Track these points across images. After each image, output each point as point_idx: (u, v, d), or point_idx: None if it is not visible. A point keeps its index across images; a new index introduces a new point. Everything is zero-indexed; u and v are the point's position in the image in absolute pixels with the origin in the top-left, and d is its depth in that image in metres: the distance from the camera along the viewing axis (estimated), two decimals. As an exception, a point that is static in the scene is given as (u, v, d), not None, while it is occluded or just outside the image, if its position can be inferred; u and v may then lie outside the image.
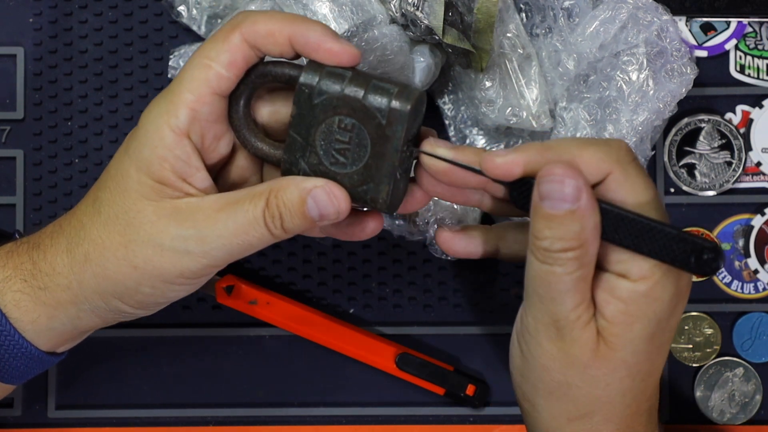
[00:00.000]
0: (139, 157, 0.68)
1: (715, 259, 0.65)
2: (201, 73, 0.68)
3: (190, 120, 0.68)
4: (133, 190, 0.68)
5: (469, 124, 0.84)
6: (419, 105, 0.68)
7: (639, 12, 0.81)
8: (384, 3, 0.78)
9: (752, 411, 0.86)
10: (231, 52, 0.68)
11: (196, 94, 0.68)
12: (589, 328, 0.66)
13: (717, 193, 0.86)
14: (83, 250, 0.70)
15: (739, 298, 0.86)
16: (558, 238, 0.64)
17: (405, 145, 0.68)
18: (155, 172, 0.68)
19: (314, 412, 0.86)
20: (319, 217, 0.67)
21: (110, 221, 0.69)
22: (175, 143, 0.68)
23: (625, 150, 0.67)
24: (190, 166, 0.68)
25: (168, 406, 0.86)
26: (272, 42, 0.68)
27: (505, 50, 0.80)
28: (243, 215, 0.67)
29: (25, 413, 0.86)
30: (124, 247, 0.68)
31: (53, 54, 0.86)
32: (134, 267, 0.68)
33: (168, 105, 0.68)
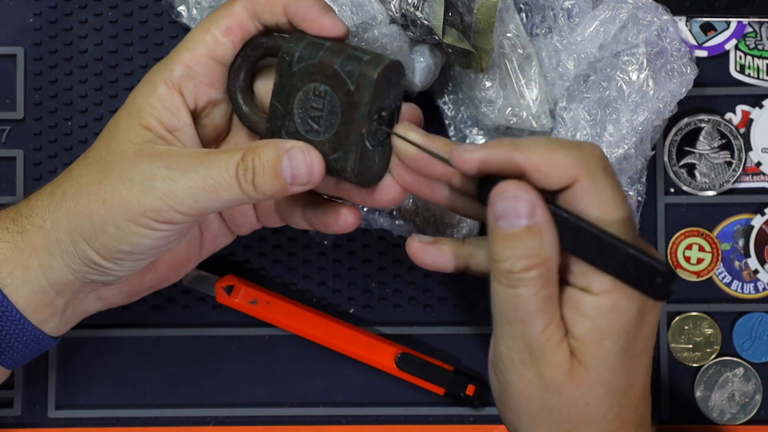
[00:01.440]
0: (131, 104, 0.71)
1: (668, 284, 0.64)
2: (200, 35, 0.70)
3: (184, 76, 0.70)
4: (120, 134, 0.70)
5: (469, 124, 0.84)
6: (391, 74, 0.69)
7: (639, 12, 0.81)
8: (384, 3, 0.78)
9: (752, 411, 0.86)
10: (230, 18, 0.70)
11: (192, 54, 0.70)
12: (561, 348, 0.65)
13: (717, 193, 0.86)
14: (62, 188, 0.71)
15: (739, 298, 0.86)
16: (519, 257, 0.64)
17: (375, 114, 0.68)
18: (143, 117, 0.70)
19: (314, 412, 0.86)
20: (291, 178, 0.68)
21: (93, 161, 0.71)
22: (166, 94, 0.70)
23: (598, 157, 0.65)
24: (178, 119, 0.70)
25: (168, 406, 0.86)
26: (269, 11, 0.70)
27: (505, 50, 0.80)
28: (216, 164, 0.68)
29: (25, 413, 0.86)
30: (98, 183, 0.70)
31: (53, 54, 0.86)
32: (102, 201, 0.69)
33: (166, 61, 0.71)
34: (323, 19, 0.69)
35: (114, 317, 0.85)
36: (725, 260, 0.86)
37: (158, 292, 0.84)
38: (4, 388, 0.85)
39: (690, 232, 0.86)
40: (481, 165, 0.66)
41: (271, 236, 0.86)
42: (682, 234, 0.86)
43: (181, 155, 0.69)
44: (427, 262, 0.73)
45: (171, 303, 0.86)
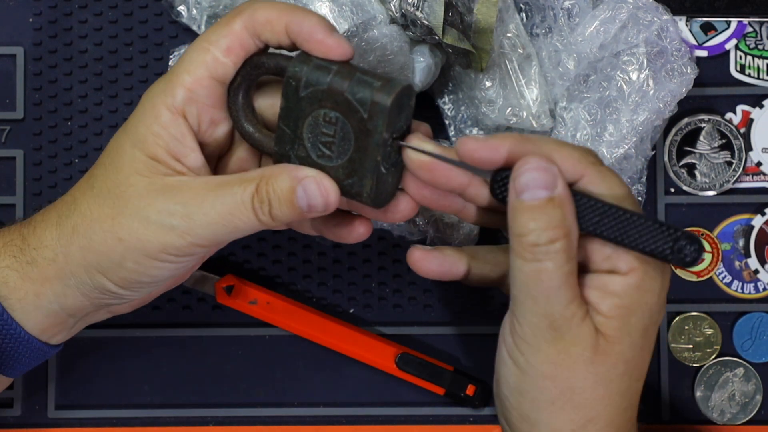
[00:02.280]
0: (135, 133, 0.69)
1: (697, 250, 0.65)
2: (200, 56, 0.69)
3: (186, 100, 0.69)
4: (126, 166, 0.69)
5: (469, 124, 0.84)
6: (403, 99, 0.68)
7: (639, 12, 0.81)
8: (384, 3, 0.78)
9: (752, 411, 0.86)
10: (230, 38, 0.68)
11: (193, 76, 0.69)
12: (587, 323, 0.66)
13: (717, 193, 0.86)
14: (72, 222, 0.70)
15: (740, 298, 0.86)
16: (543, 228, 0.64)
17: (390, 139, 0.68)
18: (149, 148, 0.69)
19: (314, 412, 0.86)
20: (307, 208, 0.67)
21: (101, 195, 0.70)
22: (170, 121, 0.69)
23: (596, 155, 0.68)
24: (184, 145, 0.69)
25: (168, 406, 0.86)
26: (270, 30, 0.68)
27: (505, 50, 0.80)
28: (231, 197, 0.67)
29: (25, 413, 0.86)
30: (111, 219, 0.69)
31: (53, 54, 0.86)
32: (119, 239, 0.69)
33: (166, 85, 0.69)
34: (328, 39, 0.67)
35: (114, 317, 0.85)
36: (725, 260, 0.86)
37: (158, 292, 0.85)
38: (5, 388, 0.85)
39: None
40: (509, 155, 0.66)
41: (271, 236, 0.86)
42: (683, 234, 0.86)
43: (194, 189, 0.68)
44: (432, 268, 0.72)
45: (171, 303, 0.86)
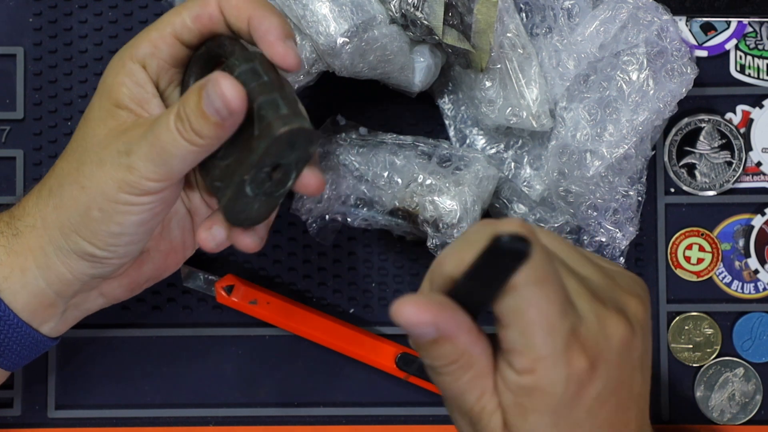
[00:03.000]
0: (102, 86, 0.72)
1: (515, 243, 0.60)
2: (170, 17, 0.71)
3: (149, 54, 0.71)
4: (93, 117, 0.72)
5: (469, 124, 0.84)
6: (298, 138, 0.66)
7: (639, 12, 0.81)
8: (384, 3, 0.78)
9: (752, 411, 0.86)
10: (202, 8, 0.71)
11: (159, 33, 0.71)
12: (497, 416, 0.64)
13: (717, 193, 0.86)
14: (48, 185, 0.72)
15: (740, 298, 0.86)
16: (434, 358, 0.63)
17: (267, 167, 0.67)
18: (113, 95, 0.71)
19: (314, 412, 0.86)
20: (215, 113, 0.67)
21: (70, 151, 0.72)
22: (133, 70, 0.71)
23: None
24: (146, 91, 0.71)
25: (168, 406, 0.86)
26: (235, 15, 0.70)
27: (505, 50, 0.80)
28: (158, 124, 0.69)
29: (25, 413, 0.86)
30: (76, 170, 0.71)
31: (53, 54, 0.86)
32: (82, 188, 0.70)
33: (134, 40, 0.72)
34: (279, 45, 0.69)
35: (114, 317, 0.85)
36: (725, 260, 0.86)
37: (158, 291, 0.85)
38: (4, 388, 0.85)
39: (690, 232, 0.86)
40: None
41: (272, 236, 0.86)
42: (683, 234, 0.86)
43: (139, 126, 0.70)
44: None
45: (171, 303, 0.86)
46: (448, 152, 0.82)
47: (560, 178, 0.81)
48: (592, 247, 0.83)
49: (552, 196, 0.82)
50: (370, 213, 0.82)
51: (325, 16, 0.76)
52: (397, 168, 0.81)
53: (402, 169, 0.81)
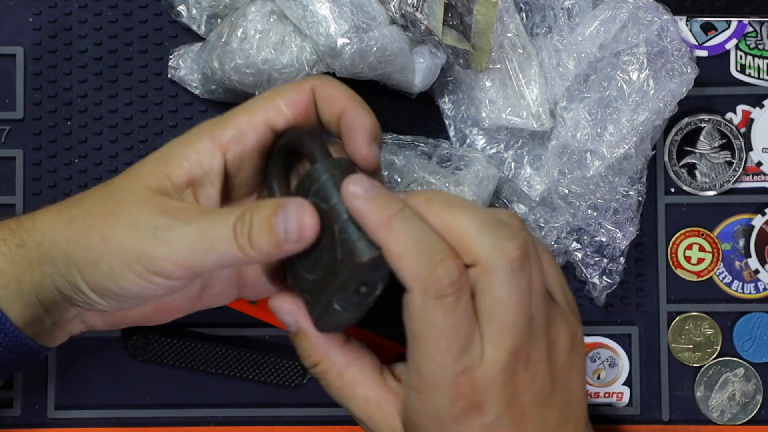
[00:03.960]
0: (167, 149, 0.69)
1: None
2: (263, 103, 0.69)
3: (234, 139, 0.68)
4: (141, 174, 0.69)
5: (469, 124, 0.84)
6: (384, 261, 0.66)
7: (639, 12, 0.81)
8: (384, 4, 0.78)
9: (753, 411, 0.86)
10: (297, 93, 0.69)
11: (249, 117, 0.68)
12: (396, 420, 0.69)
13: (717, 193, 0.86)
14: (71, 213, 0.70)
15: (740, 298, 0.86)
16: (300, 354, 0.70)
17: (353, 288, 0.66)
18: (170, 166, 0.68)
19: (314, 413, 0.86)
20: (284, 233, 0.65)
21: (106, 195, 0.70)
22: (206, 150, 0.68)
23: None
24: (207, 177, 0.68)
25: (168, 406, 0.86)
26: (329, 106, 0.69)
27: (505, 50, 0.80)
28: (216, 217, 0.66)
29: (25, 413, 0.86)
30: (104, 218, 0.69)
31: (53, 54, 0.86)
32: (103, 239, 0.68)
33: (220, 120, 0.69)
34: (363, 147, 0.68)
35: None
36: (726, 260, 0.86)
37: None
38: (4, 388, 0.85)
39: (690, 232, 0.86)
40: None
41: (271, 236, 0.86)
42: (683, 234, 0.86)
43: (186, 209, 0.67)
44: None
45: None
46: (448, 152, 0.82)
47: (560, 178, 0.81)
48: (592, 246, 0.83)
49: (552, 196, 0.82)
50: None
51: (325, 17, 0.76)
52: (397, 168, 0.81)
53: (402, 169, 0.81)
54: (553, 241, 0.83)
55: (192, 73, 0.84)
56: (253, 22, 0.79)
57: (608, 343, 0.86)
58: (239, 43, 0.78)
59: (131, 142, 0.86)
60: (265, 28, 0.79)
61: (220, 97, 0.84)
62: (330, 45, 0.76)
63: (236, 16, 0.79)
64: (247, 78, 0.79)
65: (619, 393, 0.86)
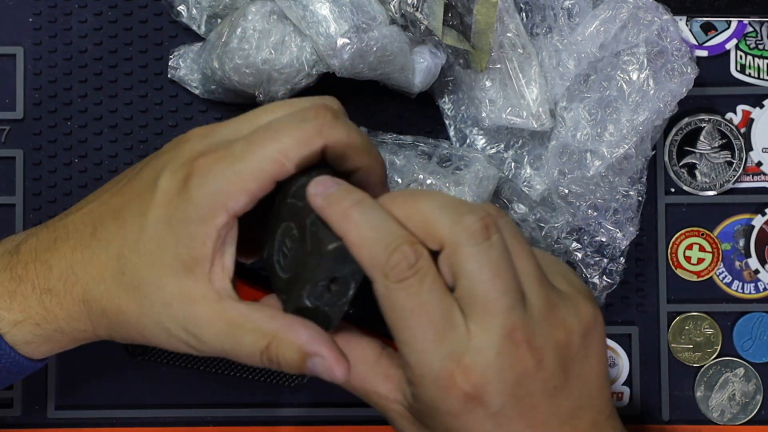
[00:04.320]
0: (183, 231, 0.67)
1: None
2: (272, 168, 0.66)
3: (246, 206, 0.67)
4: (164, 265, 0.67)
5: (469, 124, 0.84)
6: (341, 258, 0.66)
7: (639, 11, 0.81)
8: (384, 4, 0.78)
9: (753, 411, 0.86)
10: (309, 159, 0.67)
11: (260, 185, 0.66)
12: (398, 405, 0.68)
13: (717, 193, 0.86)
14: (101, 306, 0.69)
15: (740, 298, 0.86)
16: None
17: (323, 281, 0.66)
18: (196, 249, 0.67)
19: (314, 413, 0.86)
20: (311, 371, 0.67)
21: (131, 287, 0.68)
22: (225, 224, 0.67)
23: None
24: (228, 244, 0.67)
25: (168, 406, 0.86)
26: (341, 163, 0.67)
27: (505, 50, 0.80)
28: (241, 347, 0.66)
29: (25, 413, 0.86)
30: (137, 317, 0.68)
31: (53, 54, 0.86)
32: (143, 336, 0.69)
33: (229, 186, 0.66)
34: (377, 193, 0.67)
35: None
36: (726, 260, 0.86)
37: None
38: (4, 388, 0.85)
39: (690, 232, 0.86)
40: None
41: (271, 236, 0.86)
42: (683, 234, 0.86)
43: (214, 317, 0.67)
44: None
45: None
46: (448, 152, 0.82)
47: (560, 178, 0.81)
48: (592, 246, 0.83)
49: (552, 196, 0.82)
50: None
51: (325, 17, 0.76)
52: (397, 168, 0.81)
53: (402, 169, 0.81)
54: (553, 241, 0.83)
55: (192, 73, 0.84)
56: (252, 22, 0.79)
57: (608, 343, 0.86)
58: (239, 43, 0.78)
59: (131, 142, 0.86)
60: (265, 28, 0.79)
61: (220, 97, 0.84)
62: (330, 45, 0.76)
63: (236, 16, 0.79)
64: (246, 78, 0.79)
65: (619, 393, 0.86)
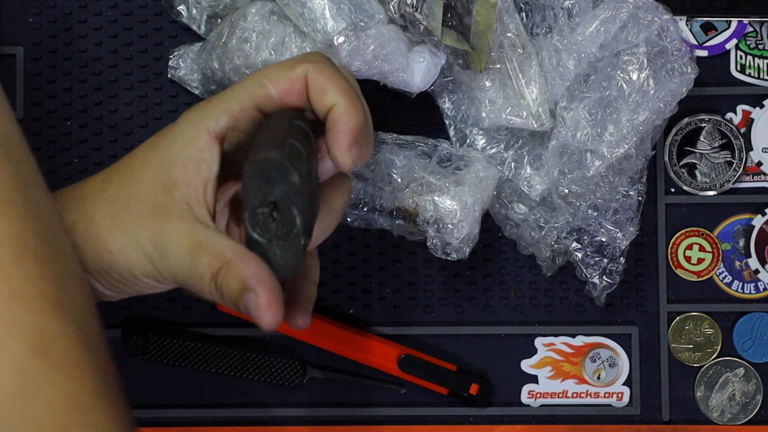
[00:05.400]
0: (166, 153, 0.69)
1: None
2: (255, 89, 0.68)
3: (230, 128, 0.68)
4: (145, 182, 0.69)
5: (469, 124, 0.84)
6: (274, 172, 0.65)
7: (639, 11, 0.81)
8: (383, 4, 0.78)
9: (753, 411, 0.86)
10: (289, 81, 0.68)
11: (242, 105, 0.68)
12: None
13: (717, 192, 0.85)
14: (73, 218, 0.70)
15: (740, 298, 0.86)
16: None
17: (259, 207, 0.66)
18: (175, 171, 0.68)
19: (314, 413, 0.86)
20: (244, 308, 0.67)
21: (110, 201, 0.69)
22: (207, 146, 0.68)
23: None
24: (209, 172, 0.68)
25: (168, 406, 0.86)
26: (318, 97, 0.68)
27: (505, 50, 0.80)
28: (197, 266, 0.67)
29: (25, 413, 0.86)
30: (108, 229, 0.69)
31: (53, 54, 0.86)
32: (109, 251, 0.69)
33: (211, 108, 0.69)
34: (341, 151, 0.68)
35: (114, 317, 0.85)
36: (726, 260, 0.86)
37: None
38: None
39: (690, 232, 0.86)
40: None
41: (271, 236, 0.86)
42: (683, 234, 0.86)
43: (180, 233, 0.68)
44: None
45: (171, 303, 0.86)
46: (448, 152, 0.82)
47: (560, 178, 0.81)
48: (592, 246, 0.83)
49: (552, 196, 0.82)
50: (370, 213, 0.82)
51: (323, 14, 0.76)
52: (397, 168, 0.81)
53: (402, 169, 0.81)
54: (553, 241, 0.83)
55: (192, 73, 0.84)
56: (252, 22, 0.79)
57: (608, 343, 0.86)
58: (239, 44, 0.78)
59: (131, 142, 0.86)
60: (265, 29, 0.79)
61: (220, 97, 0.84)
62: (327, 42, 0.76)
63: (236, 16, 0.79)
64: (246, 78, 0.79)
65: (619, 393, 0.86)
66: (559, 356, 0.86)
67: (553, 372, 0.86)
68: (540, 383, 0.86)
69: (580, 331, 0.86)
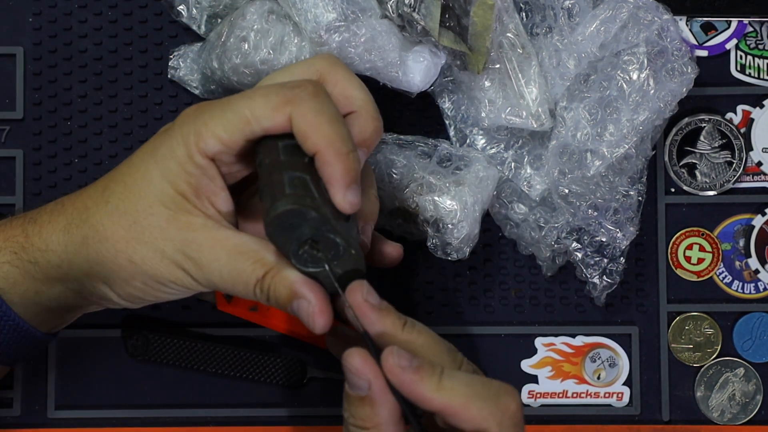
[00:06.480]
0: (166, 166, 0.69)
1: None
2: (240, 122, 0.68)
3: (220, 152, 0.69)
4: (151, 195, 0.69)
5: (469, 124, 0.84)
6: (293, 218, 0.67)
7: (639, 11, 0.81)
8: (381, 4, 0.78)
9: (753, 411, 0.86)
10: (274, 123, 0.68)
11: (230, 136, 0.68)
12: None
13: (717, 192, 0.85)
14: (82, 232, 0.71)
15: (740, 298, 0.86)
16: (351, 415, 0.68)
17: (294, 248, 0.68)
18: (180, 185, 0.69)
19: (314, 413, 0.86)
20: (293, 312, 0.69)
21: (117, 213, 0.70)
22: (203, 165, 0.69)
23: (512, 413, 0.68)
24: (216, 185, 0.70)
25: (168, 406, 0.86)
26: (303, 141, 0.68)
27: (505, 50, 0.80)
28: (239, 273, 0.69)
29: (25, 413, 0.86)
30: (125, 241, 0.69)
31: (53, 54, 0.86)
32: (131, 261, 0.70)
33: (203, 128, 0.69)
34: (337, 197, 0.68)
35: (114, 317, 0.85)
36: (726, 260, 0.86)
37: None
38: (4, 388, 0.85)
39: (690, 232, 0.86)
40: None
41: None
42: (683, 234, 0.86)
43: (211, 242, 0.69)
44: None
45: (171, 303, 0.86)
46: (448, 152, 0.82)
47: (560, 178, 0.81)
48: (592, 246, 0.83)
49: (552, 196, 0.82)
50: (370, 213, 0.82)
51: (315, 3, 0.77)
52: (397, 168, 0.81)
53: (402, 169, 0.81)
54: (553, 241, 0.83)
55: (192, 73, 0.84)
56: (251, 22, 0.79)
57: (608, 343, 0.86)
58: (237, 43, 0.79)
59: (131, 142, 0.86)
60: (264, 28, 0.79)
61: (220, 96, 0.84)
62: (316, 32, 0.76)
63: (236, 16, 0.79)
64: (245, 78, 0.79)
65: (619, 393, 0.86)
66: (559, 356, 0.86)
67: (553, 372, 0.86)
68: (540, 383, 0.86)
69: (580, 331, 0.86)
